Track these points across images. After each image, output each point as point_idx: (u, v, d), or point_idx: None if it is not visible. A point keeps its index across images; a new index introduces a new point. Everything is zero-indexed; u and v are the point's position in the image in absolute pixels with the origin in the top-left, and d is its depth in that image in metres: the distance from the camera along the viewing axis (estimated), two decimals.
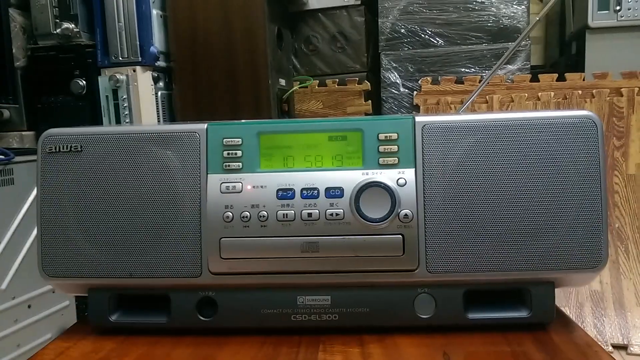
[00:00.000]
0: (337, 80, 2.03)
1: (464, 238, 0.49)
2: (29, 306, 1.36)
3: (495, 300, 0.52)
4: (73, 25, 1.54)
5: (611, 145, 1.83)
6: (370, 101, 2.02)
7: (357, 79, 2.01)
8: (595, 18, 1.90)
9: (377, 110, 2.04)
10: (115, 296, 0.54)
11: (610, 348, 1.73)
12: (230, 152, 0.51)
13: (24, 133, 1.62)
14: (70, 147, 0.52)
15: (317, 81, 2.04)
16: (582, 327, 0.50)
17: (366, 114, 1.99)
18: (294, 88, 1.99)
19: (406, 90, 2.00)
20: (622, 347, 1.74)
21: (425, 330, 0.51)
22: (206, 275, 0.51)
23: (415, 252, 0.49)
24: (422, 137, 0.50)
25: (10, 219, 1.32)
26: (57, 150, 0.52)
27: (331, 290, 0.52)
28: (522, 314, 0.51)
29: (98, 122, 1.55)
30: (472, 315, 0.51)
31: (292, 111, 1.97)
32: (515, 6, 1.91)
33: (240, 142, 0.51)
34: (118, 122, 1.53)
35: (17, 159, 1.35)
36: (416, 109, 1.96)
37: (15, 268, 1.32)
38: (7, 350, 1.28)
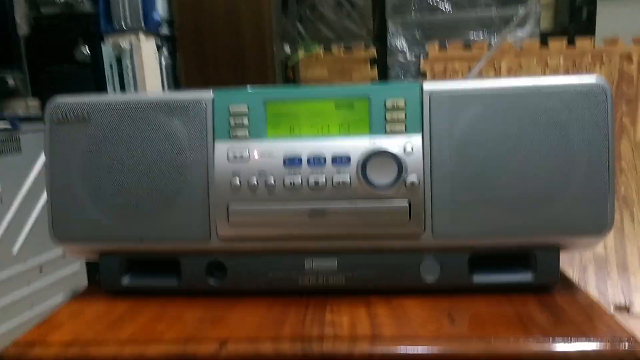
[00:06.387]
0: (343, 46, 2.00)
1: (470, 204, 0.50)
2: (41, 270, 1.39)
3: (501, 263, 0.53)
4: None
5: (620, 112, 1.81)
6: (376, 68, 2.00)
7: (363, 45, 1.99)
8: None
9: (384, 77, 2.02)
10: (126, 260, 0.55)
11: (612, 309, 1.76)
12: (237, 119, 0.51)
13: (29, 101, 1.62)
14: (77, 115, 0.53)
15: (323, 48, 2.02)
16: (584, 288, 0.51)
17: (372, 81, 1.98)
18: (299, 55, 1.97)
19: (413, 57, 1.97)
20: (624, 309, 1.77)
21: (432, 293, 0.52)
22: (215, 240, 0.52)
23: (422, 218, 0.50)
24: (430, 104, 0.50)
25: (19, 186, 1.34)
26: (64, 118, 0.53)
27: (338, 254, 0.52)
28: (527, 277, 0.52)
29: (103, 90, 1.55)
30: (477, 279, 0.52)
31: (297, 78, 1.96)
32: None
33: (246, 110, 0.51)
34: (123, 90, 1.53)
35: (24, 127, 1.35)
36: (423, 76, 1.94)
37: (25, 233, 1.35)
38: (21, 311, 1.32)
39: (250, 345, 0.45)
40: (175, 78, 1.68)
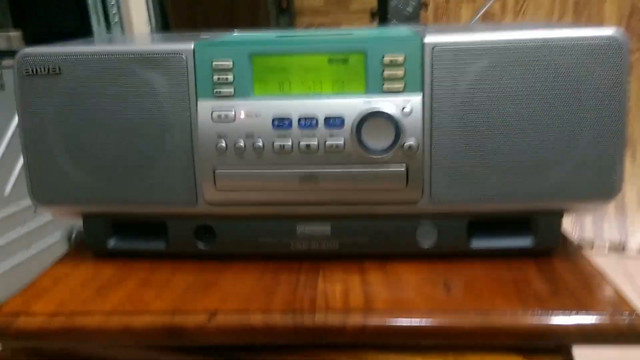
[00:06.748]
0: None
1: (470, 167, 0.47)
2: (35, 210, 1.38)
3: (500, 227, 0.51)
4: None
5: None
6: None
7: None
8: None
9: (383, 6, 1.92)
10: (111, 222, 0.53)
11: (608, 248, 1.78)
12: (220, 76, 0.47)
13: (11, 33, 1.54)
14: (49, 69, 0.48)
15: None
16: (580, 233, 0.49)
17: (371, 12, 1.87)
18: None
19: None
20: (619, 248, 1.79)
21: (429, 258, 0.51)
22: (202, 204, 0.49)
23: (420, 183, 0.47)
24: (432, 60, 0.45)
25: (5, 126, 1.30)
26: (35, 72, 0.48)
27: (331, 220, 0.50)
28: (527, 242, 0.50)
29: (86, 24, 1.47)
30: (476, 245, 0.50)
31: (291, 8, 1.86)
32: None
33: (231, 65, 0.47)
34: (108, 24, 1.45)
35: (6, 62, 1.29)
36: (425, 6, 1.84)
37: (16, 174, 1.32)
38: (18, 250, 1.33)
39: (240, 317, 0.44)
40: (163, 10, 1.59)
